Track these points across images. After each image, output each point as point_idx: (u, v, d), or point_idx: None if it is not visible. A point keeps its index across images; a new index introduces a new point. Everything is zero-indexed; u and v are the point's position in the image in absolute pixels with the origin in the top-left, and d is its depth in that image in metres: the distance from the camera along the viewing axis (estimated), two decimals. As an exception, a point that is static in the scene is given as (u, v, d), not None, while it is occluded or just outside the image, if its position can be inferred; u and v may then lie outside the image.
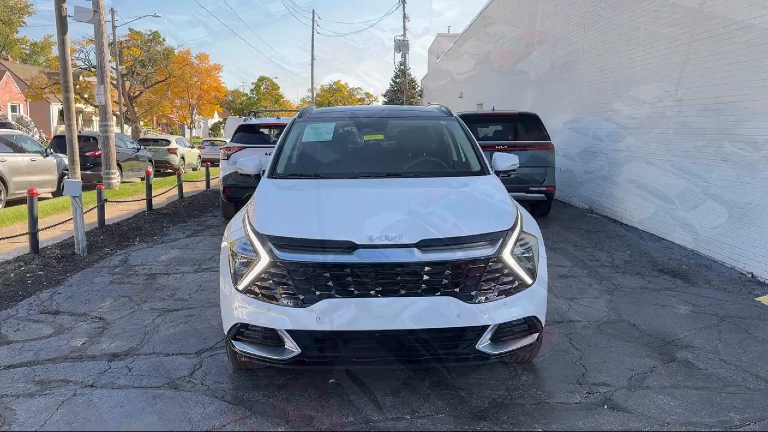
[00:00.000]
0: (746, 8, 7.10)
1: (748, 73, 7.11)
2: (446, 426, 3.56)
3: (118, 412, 3.76)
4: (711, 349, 4.80)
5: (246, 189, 10.52)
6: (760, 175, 6.90)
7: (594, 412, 3.74)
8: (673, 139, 8.85)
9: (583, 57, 12.68)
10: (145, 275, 7.17)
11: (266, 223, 3.79)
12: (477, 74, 25.38)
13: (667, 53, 9.05)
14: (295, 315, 3.57)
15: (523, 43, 17.54)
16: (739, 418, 3.67)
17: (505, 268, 3.69)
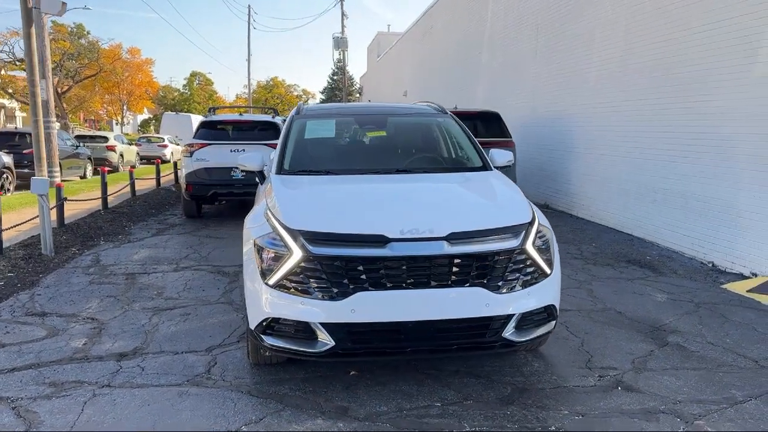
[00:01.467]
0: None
1: (704, 75, 7.57)
2: (478, 411, 3.70)
3: (147, 410, 3.72)
4: (697, 333, 5.13)
5: (210, 186, 10.48)
6: (720, 170, 7.35)
7: (610, 393, 3.96)
8: (630, 136, 9.28)
9: (538, 57, 13.08)
10: (124, 275, 7.02)
11: (296, 218, 3.82)
12: (423, 72, 25.71)
13: (624, 54, 9.49)
14: (330, 308, 3.63)
15: (473, 42, 17.92)
16: (741, 394, 3.96)
17: (528, 259, 3.86)
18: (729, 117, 7.23)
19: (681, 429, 3.50)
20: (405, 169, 4.91)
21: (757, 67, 6.80)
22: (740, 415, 3.67)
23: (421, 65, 26.23)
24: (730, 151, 7.23)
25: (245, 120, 11.56)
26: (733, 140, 7.18)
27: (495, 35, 16.08)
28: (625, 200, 9.54)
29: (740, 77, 7.02)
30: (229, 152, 10.58)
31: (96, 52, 46.40)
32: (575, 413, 3.68)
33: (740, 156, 7.07)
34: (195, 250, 8.41)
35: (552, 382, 4.13)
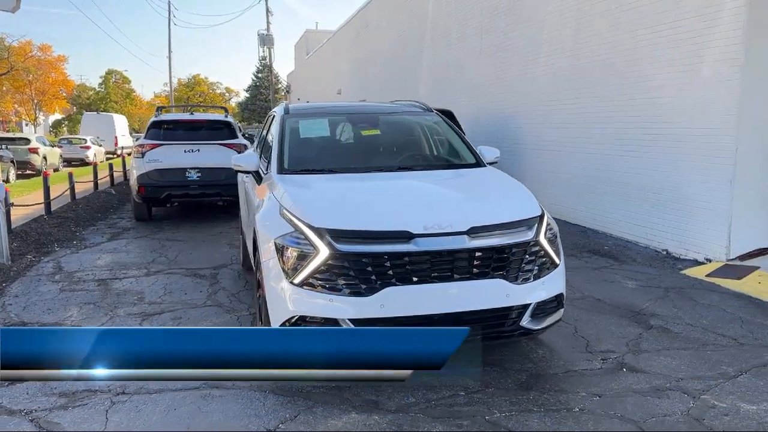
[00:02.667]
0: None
1: (653, 73, 8.04)
2: (502, 398, 3.86)
3: (176, 415, 3.69)
4: (674, 316, 5.48)
5: (164, 188, 10.23)
6: (671, 163, 7.82)
7: (618, 375, 4.20)
8: (582, 133, 9.71)
9: (483, 57, 13.42)
10: (94, 281, 6.80)
11: (320, 216, 3.86)
12: (359, 70, 25.79)
13: (573, 54, 9.91)
14: (358, 304, 3.70)
15: (413, 41, 18.16)
16: (732, 370, 4.29)
17: (541, 251, 4.06)
18: (678, 113, 7.69)
19: (691, 404, 3.77)
20: (406, 166, 5.02)
21: (705, 66, 7.28)
22: (737, 389, 3.98)
23: (356, 63, 26.32)
24: (680, 145, 7.69)
25: (199, 119, 11.35)
26: (682, 135, 7.65)
27: (437, 35, 16.36)
28: (576, 194, 9.95)
29: (688, 75, 7.49)
30: (183, 152, 10.37)
31: (5, 50, 44.02)
32: (592, 394, 3.90)
33: (689, 149, 7.54)
34: (160, 253, 8.21)
35: (561, 367, 4.34)
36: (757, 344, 4.78)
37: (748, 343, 4.81)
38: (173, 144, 10.40)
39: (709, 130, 7.24)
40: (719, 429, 3.48)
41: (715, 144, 7.16)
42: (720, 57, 7.04)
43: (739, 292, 6.18)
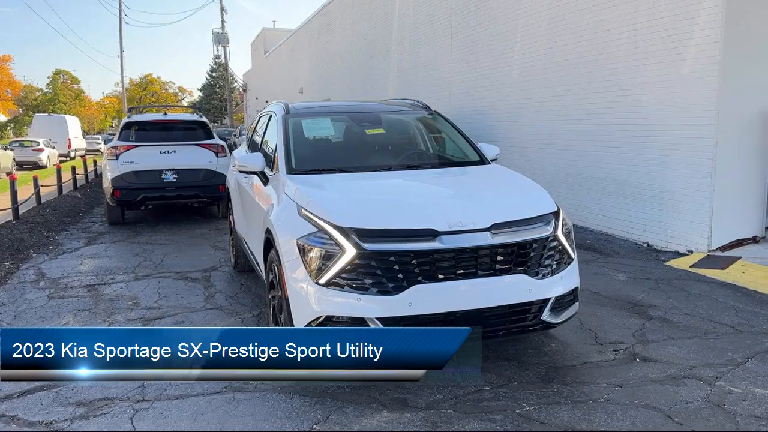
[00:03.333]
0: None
1: (633, 70, 8.25)
2: (527, 391, 3.92)
3: (206, 419, 3.64)
4: (671, 306, 5.64)
5: (140, 191, 10.03)
6: (651, 158, 8.03)
7: (633, 365, 4.31)
8: (560, 129, 9.88)
9: (454, 55, 13.53)
10: (83, 287, 6.62)
11: (345, 216, 3.85)
12: (323, 69, 25.66)
13: (548, 52, 10.09)
14: (386, 302, 3.71)
15: (380, 40, 18.18)
16: (738, 356, 4.45)
17: (558, 245, 4.14)
18: (657, 109, 7.91)
19: (708, 391, 3.90)
20: (414, 164, 5.04)
21: (684, 63, 7.50)
22: (747, 374, 4.13)
23: (319, 62, 26.18)
24: (660, 141, 7.91)
25: (174, 120, 11.15)
26: (662, 130, 7.87)
27: (405, 33, 16.42)
28: (555, 190, 10.12)
29: (668, 72, 7.70)
30: (158, 154, 10.18)
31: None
32: (613, 385, 3.99)
33: (669, 145, 7.76)
34: (144, 257, 8.04)
35: (577, 359, 4.43)
36: (755, 331, 4.96)
37: (747, 330, 4.99)
38: (148, 145, 10.20)
39: (689, 126, 7.46)
40: (741, 413, 3.60)
41: (695, 139, 7.39)
42: (698, 54, 7.27)
43: (725, 281, 6.40)
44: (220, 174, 10.42)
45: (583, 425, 3.49)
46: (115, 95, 69.66)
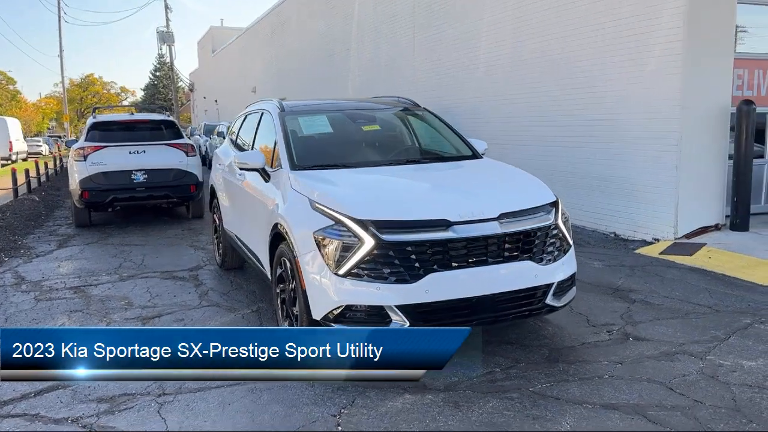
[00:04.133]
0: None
1: (600, 68, 8.63)
2: (535, 371, 4.14)
3: (234, 409, 3.73)
4: (649, 290, 5.98)
5: (109, 192, 9.92)
6: (618, 152, 8.42)
7: (627, 344, 4.60)
8: (528, 125, 10.22)
9: (417, 53, 13.76)
10: (68, 289, 6.55)
11: (362, 209, 3.99)
12: (277, 68, 25.56)
13: (514, 51, 10.42)
14: (404, 290, 3.88)
15: (338, 38, 18.28)
16: (721, 333, 4.78)
17: (559, 233, 4.38)
18: (624, 105, 8.30)
19: (701, 364, 4.20)
20: (413, 159, 5.23)
21: (649, 60, 7.90)
22: (732, 349, 4.46)
23: (273, 60, 26.08)
24: (627, 135, 8.31)
25: (143, 119, 11.02)
26: (628, 125, 8.27)
27: (365, 32, 16.57)
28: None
29: (633, 70, 8.10)
30: (128, 154, 10.06)
31: None
32: (614, 362, 4.26)
33: (636, 139, 8.17)
34: (124, 258, 7.98)
35: (575, 340, 4.69)
36: (731, 311, 5.33)
37: (723, 310, 5.35)
38: (117, 146, 10.07)
39: (654, 121, 7.87)
40: (734, 383, 3.91)
41: (660, 133, 7.80)
42: (662, 52, 7.68)
43: (694, 266, 6.80)
44: (191, 174, 10.39)
45: (595, 399, 3.73)
46: (55, 96, 67.48)
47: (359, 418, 3.58)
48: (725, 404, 3.64)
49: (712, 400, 3.70)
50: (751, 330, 4.85)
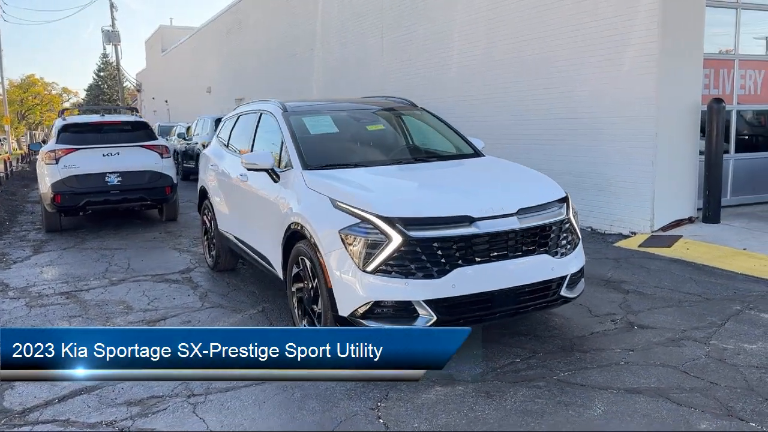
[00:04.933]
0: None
1: (577, 68, 8.91)
2: (555, 360, 4.31)
3: (272, 405, 3.78)
4: (639, 281, 6.24)
5: (83, 195, 9.71)
6: (594, 149, 8.72)
7: (633, 332, 4.81)
8: (503, 124, 10.46)
9: (385, 53, 13.87)
10: (59, 295, 6.42)
11: (388, 206, 4.08)
12: (234, 68, 25.28)
13: (487, 51, 10.64)
14: (432, 285, 3.99)
15: (302, 38, 18.23)
16: (716, 320, 5.05)
17: (571, 227, 4.57)
18: (601, 104, 8.61)
19: (706, 349, 4.45)
20: (422, 158, 5.34)
21: (625, 60, 8.22)
22: (731, 334, 4.73)
23: (229, 60, 25.78)
24: (603, 133, 8.61)
25: (114, 121, 10.79)
26: (605, 123, 8.57)
27: (330, 32, 16.59)
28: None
29: (610, 70, 8.40)
30: (101, 156, 9.85)
31: None
32: (626, 349, 4.46)
33: (613, 136, 8.47)
34: (108, 262, 7.83)
35: (584, 330, 4.88)
36: (720, 298, 5.62)
37: (712, 298, 5.64)
38: (90, 148, 9.84)
39: (631, 119, 8.18)
40: (741, 365, 4.15)
41: (636, 130, 8.12)
42: (638, 52, 8.00)
43: (675, 258, 7.12)
44: (166, 176, 10.25)
45: (618, 384, 3.91)
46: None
47: (398, 411, 3.67)
48: (739, 384, 3.87)
49: (726, 381, 3.92)
50: (743, 316, 5.13)
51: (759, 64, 9.18)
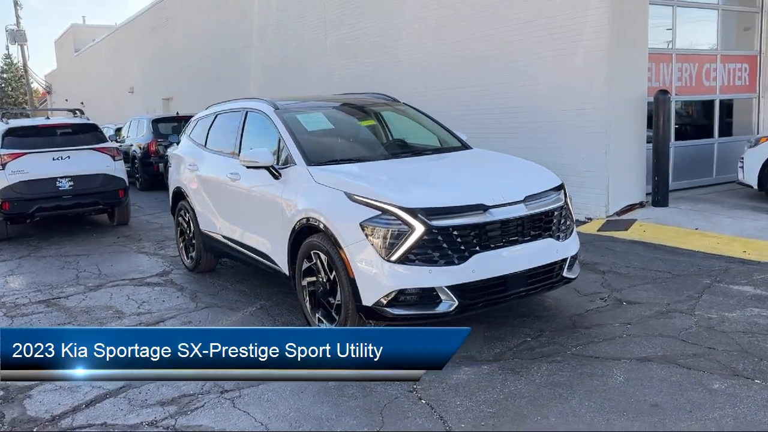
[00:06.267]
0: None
1: (531, 63, 9.31)
2: (563, 337, 4.60)
3: (309, 393, 3.87)
4: (611, 262, 6.65)
5: (33, 201, 9.38)
6: (552, 139, 9.14)
7: (624, 308, 5.18)
8: (460, 117, 10.75)
9: (330, 51, 13.95)
10: (37, 303, 6.22)
11: (408, 198, 4.25)
12: (158, 68, 24.63)
13: (437, 48, 10.93)
14: (453, 272, 4.20)
15: (237, 36, 18.01)
16: (692, 293, 5.49)
17: (568, 213, 4.88)
18: (554, 97, 9.04)
19: (694, 319, 4.85)
20: (418, 151, 5.52)
21: (577, 55, 8.67)
22: (710, 305, 5.16)
23: (154, 59, 25.07)
24: (557, 125, 9.06)
25: (62, 123, 10.38)
26: (559, 115, 9.02)
27: (267, 30, 16.48)
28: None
29: (564, 64, 8.84)
30: (51, 161, 9.48)
31: None
32: (623, 323, 4.81)
33: (567, 128, 8.93)
34: (75, 269, 7.59)
35: (578, 308, 5.20)
36: (687, 274, 6.09)
37: (680, 274, 6.10)
38: (39, 152, 9.46)
39: (584, 111, 8.65)
40: (729, 330, 4.56)
41: (590, 122, 8.60)
42: (590, 47, 8.46)
43: (634, 239, 7.61)
44: (119, 178, 9.99)
45: (628, 354, 4.23)
46: None
47: (435, 392, 3.85)
48: (734, 348, 4.27)
49: (722, 346, 4.32)
50: (715, 288, 5.59)
51: (693, 57, 9.87)
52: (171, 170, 7.47)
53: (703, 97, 10.19)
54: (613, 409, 3.53)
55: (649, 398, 3.64)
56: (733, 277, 5.85)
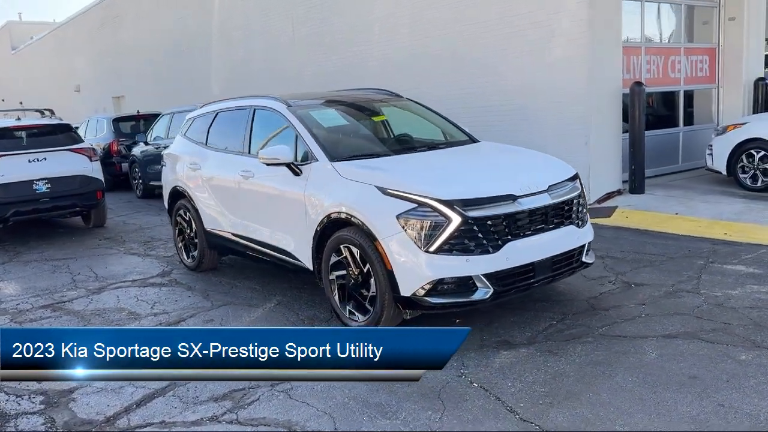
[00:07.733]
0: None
1: (503, 58, 9.56)
2: (586, 319, 4.84)
3: (339, 388, 3.94)
4: (605, 248, 6.92)
5: (9, 205, 9.12)
6: (527, 131, 9.42)
7: (634, 290, 5.46)
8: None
9: (297, 48, 13.92)
10: (43, 308, 6.11)
11: (444, 190, 4.38)
12: (108, 66, 23.96)
13: (410, 45, 11.08)
14: (489, 260, 4.37)
15: (196, 33, 17.73)
16: (692, 273, 5.81)
17: (584, 200, 5.11)
18: (535, 92, 9.32)
19: (702, 298, 5.16)
20: (434, 145, 5.66)
21: (555, 50, 8.97)
22: (712, 284, 5.47)
23: (103, 57, 24.36)
24: (539, 118, 9.35)
25: (36, 125, 10.07)
26: (540, 109, 9.31)
27: (229, 26, 16.29)
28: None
29: (545, 59, 9.12)
30: (27, 163, 9.22)
31: None
32: (638, 304, 5.09)
33: (548, 121, 9.22)
34: (68, 272, 7.44)
35: (591, 292, 5.45)
36: (680, 256, 6.43)
37: (675, 256, 6.44)
38: (13, 154, 9.17)
39: (564, 104, 8.96)
40: (737, 306, 4.88)
41: (571, 115, 8.92)
42: (570, 42, 8.76)
43: (619, 225, 7.95)
44: (97, 180, 9.79)
45: (653, 333, 4.49)
46: None
47: (484, 375, 4.02)
48: (747, 322, 4.58)
49: (736, 321, 4.63)
50: (711, 268, 5.93)
51: (659, 50, 10.33)
52: (165, 170, 7.39)
53: (669, 88, 10.66)
54: (657, 383, 3.77)
55: (685, 371, 3.89)
56: (724, 258, 6.21)
